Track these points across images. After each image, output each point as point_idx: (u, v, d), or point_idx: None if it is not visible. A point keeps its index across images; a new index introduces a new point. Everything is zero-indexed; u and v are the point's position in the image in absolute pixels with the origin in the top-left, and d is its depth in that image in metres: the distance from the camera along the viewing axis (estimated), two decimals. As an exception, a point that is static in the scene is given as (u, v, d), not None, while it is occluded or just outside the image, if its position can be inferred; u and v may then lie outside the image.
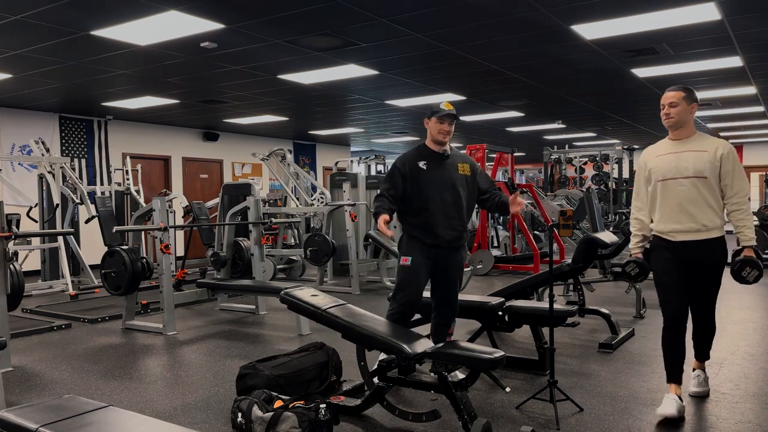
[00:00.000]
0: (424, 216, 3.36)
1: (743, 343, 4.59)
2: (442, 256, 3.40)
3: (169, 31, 5.46)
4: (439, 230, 3.35)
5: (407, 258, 3.38)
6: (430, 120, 3.42)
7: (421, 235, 3.37)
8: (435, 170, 3.39)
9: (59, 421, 2.03)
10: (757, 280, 3.06)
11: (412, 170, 3.38)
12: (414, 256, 3.36)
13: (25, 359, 4.47)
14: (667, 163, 3.13)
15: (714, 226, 3.08)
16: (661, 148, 3.23)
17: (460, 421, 2.73)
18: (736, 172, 3.10)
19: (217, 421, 3.15)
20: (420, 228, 3.38)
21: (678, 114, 3.12)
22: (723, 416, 3.09)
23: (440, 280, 3.48)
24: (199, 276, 7.28)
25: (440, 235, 3.35)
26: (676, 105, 3.11)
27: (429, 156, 3.43)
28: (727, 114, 11.22)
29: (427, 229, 3.36)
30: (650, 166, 3.21)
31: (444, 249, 3.39)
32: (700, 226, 3.07)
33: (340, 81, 7.70)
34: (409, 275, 3.37)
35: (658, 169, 3.16)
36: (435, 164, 3.41)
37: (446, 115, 3.38)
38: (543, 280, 4.86)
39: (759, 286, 7.40)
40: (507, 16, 5.20)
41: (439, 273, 3.44)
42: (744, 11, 5.19)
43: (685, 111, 3.12)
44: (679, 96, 3.12)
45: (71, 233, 7.17)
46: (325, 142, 15.07)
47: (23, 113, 9.44)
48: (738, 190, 3.10)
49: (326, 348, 3.59)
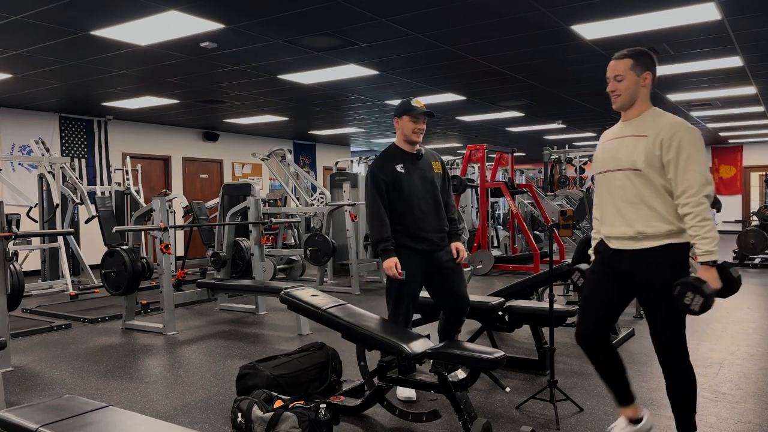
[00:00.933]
0: (411, 222, 3.21)
1: (743, 343, 4.59)
2: (435, 260, 3.26)
3: (169, 31, 5.46)
4: (428, 235, 3.23)
5: (401, 272, 3.18)
6: (401, 119, 3.26)
7: (412, 242, 3.21)
8: (412, 172, 3.24)
9: (59, 421, 2.03)
10: (704, 309, 2.22)
11: (393, 176, 3.22)
12: (407, 268, 3.18)
13: (25, 359, 4.47)
14: (607, 152, 2.52)
15: (655, 233, 2.36)
16: (611, 132, 2.59)
17: (460, 421, 2.73)
18: (682, 161, 2.30)
19: (217, 421, 3.14)
20: (408, 235, 3.21)
21: (626, 90, 2.43)
22: (723, 416, 3.09)
23: (440, 283, 3.33)
24: (199, 276, 7.28)
25: (430, 239, 3.23)
26: (622, 78, 2.42)
27: (403, 158, 3.28)
28: (727, 114, 11.22)
29: (416, 236, 3.21)
30: (596, 154, 2.62)
31: (434, 252, 3.26)
32: (634, 232, 2.40)
33: (340, 81, 7.70)
34: (405, 288, 3.23)
35: (598, 159, 2.59)
36: (411, 166, 3.26)
37: (421, 113, 3.24)
38: (543, 280, 4.86)
39: (759, 286, 7.39)
40: (507, 16, 5.20)
41: (437, 276, 3.30)
42: (744, 11, 5.19)
43: (634, 84, 2.42)
44: (626, 65, 2.42)
45: (71, 233, 7.17)
46: (325, 142, 15.07)
47: (23, 113, 9.44)
48: (686, 187, 2.29)
49: (326, 348, 3.59)
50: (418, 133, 3.28)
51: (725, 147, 16.80)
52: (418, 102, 3.28)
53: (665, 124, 2.36)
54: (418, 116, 3.25)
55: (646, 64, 2.43)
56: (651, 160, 2.35)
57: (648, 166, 2.36)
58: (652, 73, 2.44)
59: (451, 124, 12.04)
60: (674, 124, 2.35)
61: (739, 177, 16.66)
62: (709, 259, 2.26)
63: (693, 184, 2.28)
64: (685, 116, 11.33)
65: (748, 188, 16.69)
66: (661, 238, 2.37)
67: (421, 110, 3.24)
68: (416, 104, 3.26)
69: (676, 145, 2.30)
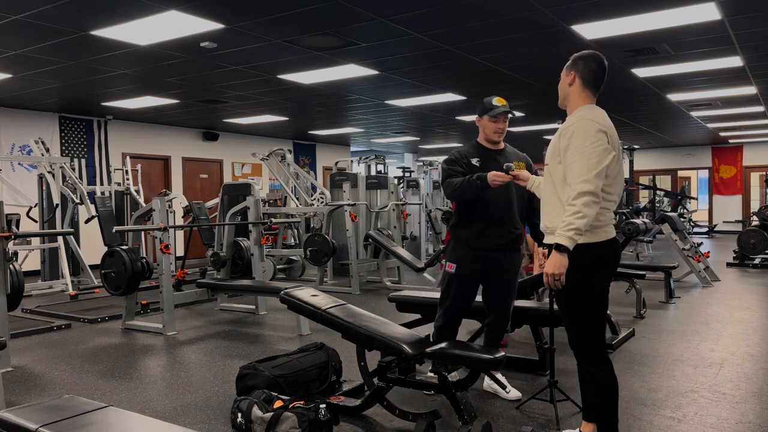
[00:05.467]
0: (475, 218, 3.15)
1: (743, 343, 4.59)
2: (493, 261, 3.17)
3: (169, 31, 5.45)
4: (490, 233, 3.13)
5: (452, 265, 3.19)
6: (483, 119, 3.21)
7: (471, 238, 3.15)
8: (487, 168, 3.11)
9: (59, 421, 2.02)
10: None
11: (466, 166, 3.15)
12: (460, 263, 3.16)
13: (25, 359, 4.47)
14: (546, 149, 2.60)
15: (555, 228, 2.37)
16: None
17: (460, 421, 2.73)
18: (570, 152, 2.33)
19: (217, 421, 3.14)
20: (470, 231, 3.16)
21: (559, 89, 2.56)
22: (723, 416, 3.09)
23: (491, 286, 3.27)
24: (199, 276, 7.28)
25: (492, 238, 3.13)
26: (560, 79, 2.56)
27: (482, 154, 3.22)
28: (727, 114, 11.22)
29: (477, 233, 3.14)
30: None
31: (495, 252, 3.16)
32: (543, 226, 2.54)
33: (340, 81, 7.70)
34: (455, 284, 3.20)
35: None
36: (488, 163, 3.16)
37: (501, 112, 3.17)
38: (543, 280, 4.86)
39: (759, 286, 7.39)
40: (507, 16, 5.20)
41: (490, 278, 3.23)
42: (744, 11, 5.19)
43: (562, 83, 2.54)
44: (565, 66, 2.55)
45: (71, 233, 7.17)
46: (325, 142, 15.06)
47: (23, 113, 9.44)
48: (571, 178, 2.32)
49: (326, 348, 3.59)
50: (500, 133, 3.23)
51: (725, 147, 16.80)
52: (500, 100, 3.19)
53: (573, 118, 2.41)
54: (498, 116, 3.18)
55: (574, 67, 2.49)
56: (554, 154, 2.43)
57: (552, 160, 2.44)
58: (576, 75, 2.47)
59: (451, 124, 12.03)
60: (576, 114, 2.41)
61: (740, 177, 16.65)
62: (560, 240, 2.26)
63: (576, 176, 2.28)
64: (685, 116, 11.32)
65: (748, 188, 16.69)
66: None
67: (502, 110, 3.17)
68: (497, 103, 3.18)
69: (569, 135, 2.35)
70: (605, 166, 2.30)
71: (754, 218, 11.67)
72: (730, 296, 6.64)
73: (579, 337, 2.45)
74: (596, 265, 2.36)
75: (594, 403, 2.48)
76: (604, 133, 2.33)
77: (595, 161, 2.28)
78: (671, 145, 17.17)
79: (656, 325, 5.27)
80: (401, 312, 4.31)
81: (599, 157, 2.28)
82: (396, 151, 17.75)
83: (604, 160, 2.29)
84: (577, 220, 2.24)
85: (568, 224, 2.25)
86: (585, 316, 2.42)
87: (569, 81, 2.49)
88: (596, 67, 2.47)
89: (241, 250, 6.54)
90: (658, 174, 17.65)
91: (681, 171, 18.02)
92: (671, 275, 6.54)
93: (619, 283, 5.80)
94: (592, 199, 2.25)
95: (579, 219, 2.24)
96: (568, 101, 2.52)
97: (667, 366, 4.00)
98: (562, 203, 2.38)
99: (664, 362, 4.09)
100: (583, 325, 2.43)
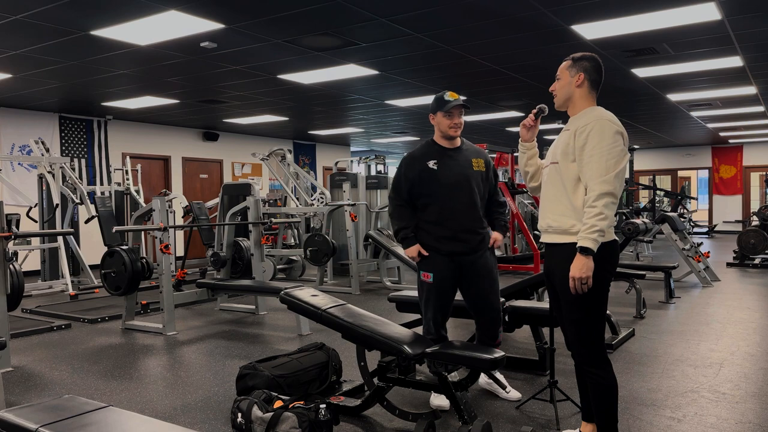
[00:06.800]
0: (439, 222, 3.07)
1: (743, 343, 4.59)
2: (466, 264, 3.09)
3: (169, 31, 5.45)
4: (459, 235, 3.05)
5: (428, 274, 3.07)
6: (436, 115, 3.10)
7: (438, 243, 3.06)
8: (447, 169, 3.06)
9: (59, 421, 2.02)
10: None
11: (422, 173, 3.07)
12: (435, 272, 3.06)
13: (25, 359, 4.47)
14: (550, 147, 2.61)
15: (561, 228, 2.40)
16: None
17: (460, 421, 2.73)
18: (587, 151, 2.32)
19: (217, 421, 3.14)
20: (435, 236, 3.07)
21: (561, 89, 2.52)
22: (723, 416, 3.09)
23: (470, 291, 3.17)
24: (199, 276, 7.27)
25: (461, 239, 3.06)
26: (559, 78, 2.53)
27: (439, 153, 3.11)
28: (727, 114, 11.22)
29: (444, 237, 3.05)
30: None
31: (467, 255, 3.08)
32: (545, 225, 2.50)
33: (340, 81, 7.70)
34: (434, 293, 3.10)
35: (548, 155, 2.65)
36: (446, 162, 3.09)
37: (454, 106, 3.06)
38: (543, 280, 4.86)
39: (759, 286, 7.40)
40: (507, 16, 5.20)
41: (468, 281, 3.13)
42: (744, 11, 5.19)
43: (567, 84, 2.48)
44: (564, 66, 2.52)
45: (71, 233, 7.17)
46: (325, 142, 15.06)
47: (23, 113, 9.44)
48: (587, 178, 2.32)
49: (326, 348, 3.59)
50: (456, 128, 3.11)
51: (725, 147, 16.80)
52: (453, 95, 3.07)
53: (591, 118, 2.37)
54: (453, 110, 3.07)
55: (582, 67, 2.47)
56: (567, 153, 2.40)
57: (563, 158, 2.41)
58: (584, 75, 2.46)
59: (451, 124, 12.02)
60: (596, 114, 2.38)
61: (740, 177, 16.65)
62: (585, 243, 2.26)
63: (593, 176, 2.29)
64: (685, 116, 11.32)
65: (748, 188, 16.69)
66: (568, 235, 2.38)
67: (455, 103, 3.05)
68: (450, 97, 3.07)
69: (585, 134, 2.33)
70: (623, 168, 2.32)
71: (754, 218, 11.66)
72: (730, 296, 6.64)
73: (579, 337, 2.45)
74: (599, 266, 2.35)
75: (594, 404, 2.47)
76: (621, 135, 2.35)
77: (614, 162, 2.30)
78: (671, 145, 17.18)
79: (656, 325, 5.27)
80: (401, 312, 4.30)
81: (617, 159, 2.30)
82: (396, 151, 17.74)
83: (621, 162, 2.31)
84: (599, 222, 2.26)
85: (591, 226, 2.26)
86: (586, 315, 2.41)
87: (577, 82, 2.46)
88: (600, 69, 2.50)
89: (241, 250, 6.54)
90: (658, 174, 17.65)
91: (681, 171, 18.02)
92: (671, 275, 6.54)
93: (619, 283, 5.80)
94: (612, 200, 2.28)
95: (601, 220, 2.26)
96: (571, 102, 2.50)
97: (667, 366, 4.00)
98: (571, 203, 2.38)
99: (664, 362, 4.09)
100: (584, 324, 2.42)
